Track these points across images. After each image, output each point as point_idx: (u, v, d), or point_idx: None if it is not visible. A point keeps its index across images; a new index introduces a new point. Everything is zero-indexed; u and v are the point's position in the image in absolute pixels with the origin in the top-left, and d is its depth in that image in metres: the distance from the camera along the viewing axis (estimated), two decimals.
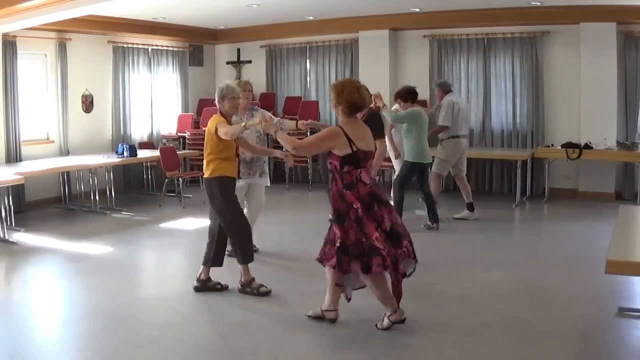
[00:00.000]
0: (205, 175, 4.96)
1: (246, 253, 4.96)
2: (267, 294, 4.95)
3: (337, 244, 4.05)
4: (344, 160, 4.08)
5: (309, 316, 4.42)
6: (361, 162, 4.10)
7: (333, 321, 4.33)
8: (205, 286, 5.05)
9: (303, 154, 4.46)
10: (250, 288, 4.98)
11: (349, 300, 4.36)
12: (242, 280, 5.03)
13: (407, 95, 7.19)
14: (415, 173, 7.20)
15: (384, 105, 6.91)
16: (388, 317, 4.19)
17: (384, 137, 6.29)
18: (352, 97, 4.09)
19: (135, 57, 10.30)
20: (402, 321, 4.18)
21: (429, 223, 7.24)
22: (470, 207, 7.76)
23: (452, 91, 8.06)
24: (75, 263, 6.11)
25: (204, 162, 4.97)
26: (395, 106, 7.57)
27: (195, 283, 5.07)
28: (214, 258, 5.06)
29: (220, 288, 5.08)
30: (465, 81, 9.80)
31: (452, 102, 7.77)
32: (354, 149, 4.06)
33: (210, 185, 4.91)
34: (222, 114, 4.92)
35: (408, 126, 7.05)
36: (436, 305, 4.77)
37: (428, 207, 7.28)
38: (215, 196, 4.89)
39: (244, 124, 4.74)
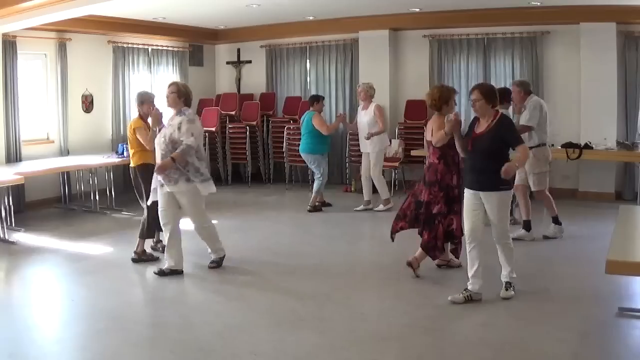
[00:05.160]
0: None
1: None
2: None
3: None
4: None
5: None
6: None
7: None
8: None
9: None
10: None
11: None
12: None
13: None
14: None
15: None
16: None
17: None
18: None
19: (135, 57, 10.29)
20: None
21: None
22: (528, 225, 6.74)
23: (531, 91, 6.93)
24: (75, 263, 6.11)
25: None
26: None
27: None
28: None
29: None
30: (465, 81, 9.78)
31: (540, 103, 6.66)
32: None
33: None
34: None
35: None
36: (440, 306, 4.79)
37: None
38: None
39: None
